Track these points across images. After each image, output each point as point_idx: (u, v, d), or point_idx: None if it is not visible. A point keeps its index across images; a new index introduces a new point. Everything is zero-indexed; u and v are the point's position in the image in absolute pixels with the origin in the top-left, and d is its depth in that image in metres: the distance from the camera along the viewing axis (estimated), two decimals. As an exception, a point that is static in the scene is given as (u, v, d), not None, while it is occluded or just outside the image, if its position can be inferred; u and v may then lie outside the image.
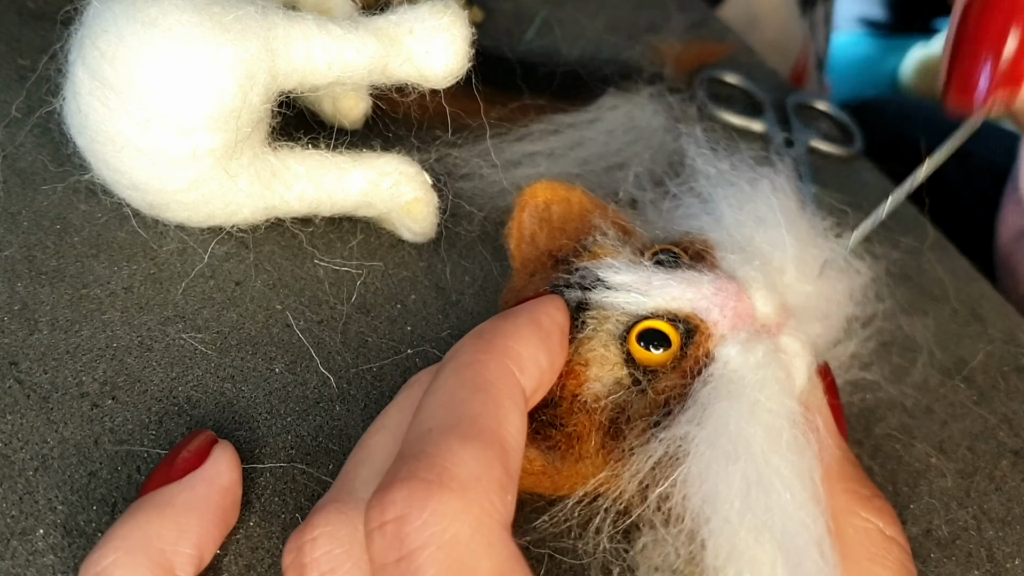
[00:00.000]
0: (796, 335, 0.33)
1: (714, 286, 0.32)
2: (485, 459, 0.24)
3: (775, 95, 0.59)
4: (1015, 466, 0.42)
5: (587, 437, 0.31)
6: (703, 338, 0.31)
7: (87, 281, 0.35)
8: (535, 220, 0.37)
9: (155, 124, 0.33)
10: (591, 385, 0.31)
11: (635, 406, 0.31)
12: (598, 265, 0.33)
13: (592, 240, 0.35)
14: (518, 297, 0.34)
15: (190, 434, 0.30)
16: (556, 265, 0.35)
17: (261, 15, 0.34)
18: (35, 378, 0.31)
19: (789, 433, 0.30)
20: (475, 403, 0.26)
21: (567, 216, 0.37)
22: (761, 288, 0.33)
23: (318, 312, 0.36)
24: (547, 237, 0.36)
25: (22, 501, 0.28)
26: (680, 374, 0.31)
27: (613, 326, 0.31)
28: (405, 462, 0.24)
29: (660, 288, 0.31)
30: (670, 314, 0.31)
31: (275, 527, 0.30)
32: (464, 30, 0.37)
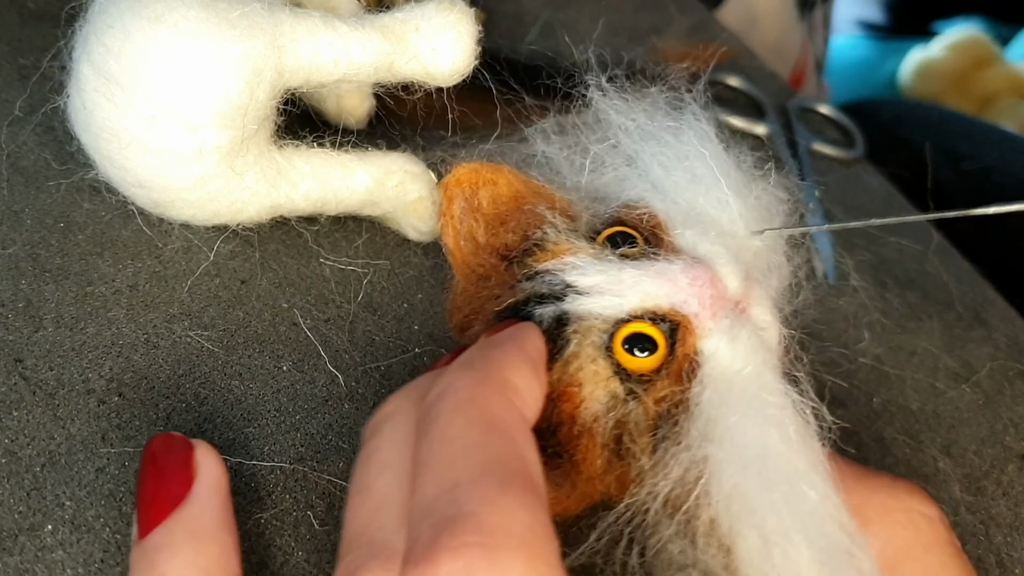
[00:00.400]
0: (763, 303, 0.33)
1: (687, 275, 0.31)
2: (529, 505, 0.22)
3: (777, 98, 0.59)
4: (1022, 470, 0.42)
5: (593, 459, 0.30)
6: (687, 334, 0.30)
7: (92, 279, 0.34)
8: (467, 211, 0.35)
9: (161, 120, 0.33)
10: (588, 405, 0.30)
11: (636, 418, 0.30)
12: (561, 267, 0.31)
13: (541, 234, 0.33)
14: (477, 306, 0.33)
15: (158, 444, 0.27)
16: (509, 266, 0.33)
17: (267, 11, 0.34)
18: (41, 375, 0.31)
19: (794, 422, 0.29)
20: (493, 445, 0.24)
21: (498, 201, 0.35)
22: (727, 263, 0.32)
23: (325, 311, 0.36)
24: (486, 231, 0.35)
25: (30, 497, 0.28)
26: (673, 379, 0.30)
27: (596, 337, 0.30)
28: (443, 527, 0.22)
29: (633, 285, 0.30)
30: (649, 313, 0.30)
31: (286, 524, 0.29)
32: (471, 28, 0.37)
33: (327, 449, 0.32)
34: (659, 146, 0.36)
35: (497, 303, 0.32)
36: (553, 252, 0.32)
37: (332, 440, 0.32)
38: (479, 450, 0.24)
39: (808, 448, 0.29)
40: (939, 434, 0.43)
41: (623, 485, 0.30)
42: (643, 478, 0.30)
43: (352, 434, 0.32)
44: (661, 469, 0.29)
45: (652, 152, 0.36)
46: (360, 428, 0.32)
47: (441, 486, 0.23)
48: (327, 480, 0.31)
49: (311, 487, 0.30)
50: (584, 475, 0.30)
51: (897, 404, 0.43)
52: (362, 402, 0.33)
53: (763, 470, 0.28)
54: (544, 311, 0.31)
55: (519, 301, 0.31)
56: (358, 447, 0.31)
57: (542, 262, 0.32)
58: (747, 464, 0.28)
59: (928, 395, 0.44)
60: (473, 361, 0.27)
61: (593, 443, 0.30)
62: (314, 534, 0.29)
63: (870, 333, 0.46)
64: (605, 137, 0.37)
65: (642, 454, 0.30)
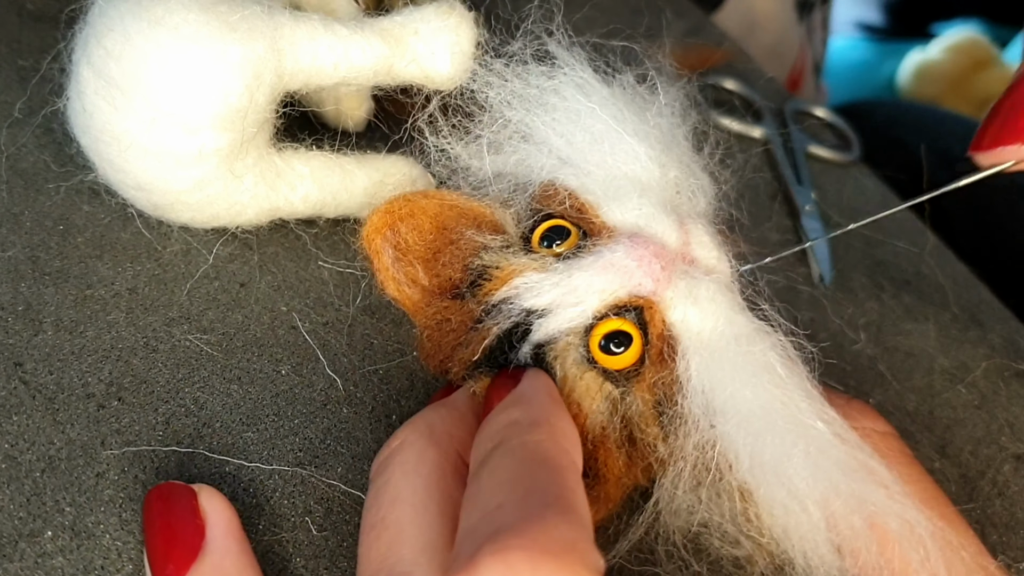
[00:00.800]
0: (703, 239, 0.33)
1: (632, 258, 0.31)
2: (573, 523, 0.23)
3: (773, 101, 0.59)
4: (1017, 471, 0.42)
5: (614, 464, 0.31)
6: (653, 313, 0.31)
7: (91, 282, 0.34)
8: (398, 258, 0.34)
9: (161, 123, 0.33)
10: (592, 419, 0.31)
11: (638, 411, 0.31)
12: (514, 292, 0.31)
13: (480, 262, 0.33)
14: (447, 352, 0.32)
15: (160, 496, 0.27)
16: (462, 302, 0.33)
17: (267, 15, 0.34)
18: (40, 379, 0.31)
19: (778, 358, 0.30)
20: (540, 476, 0.24)
21: (423, 232, 0.34)
22: (659, 221, 0.32)
23: (323, 314, 0.36)
24: (425, 272, 0.34)
25: (29, 503, 0.28)
26: (657, 362, 0.31)
27: (574, 352, 0.31)
28: (487, 538, 0.22)
29: (587, 288, 0.31)
30: (612, 308, 0.31)
31: (284, 530, 0.29)
32: (470, 32, 0.37)
33: (326, 454, 0.32)
34: (547, 112, 0.35)
35: (467, 349, 0.32)
36: (500, 279, 0.32)
37: (331, 445, 0.32)
38: (525, 480, 0.24)
39: (798, 378, 0.30)
40: (935, 434, 0.43)
41: (650, 473, 0.31)
42: (665, 463, 0.30)
43: (351, 439, 0.32)
44: (677, 453, 0.30)
45: (543, 121, 0.35)
46: (359, 432, 0.32)
47: (485, 510, 0.23)
48: (326, 485, 0.31)
49: (309, 492, 0.31)
50: (612, 481, 0.31)
51: (893, 404, 0.43)
52: (360, 406, 0.33)
53: (772, 428, 0.29)
54: (521, 353, 0.31)
55: (490, 345, 0.31)
56: (357, 453, 0.32)
57: (494, 292, 0.32)
58: (756, 429, 0.29)
59: (924, 396, 0.44)
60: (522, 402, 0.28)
61: (609, 451, 0.30)
62: (312, 539, 0.29)
63: (866, 334, 0.46)
64: (492, 118, 0.36)
65: (656, 440, 0.31)
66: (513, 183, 0.35)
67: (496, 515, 0.23)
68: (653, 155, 0.34)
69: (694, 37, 0.62)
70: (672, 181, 0.35)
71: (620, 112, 0.35)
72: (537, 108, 0.36)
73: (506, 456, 0.25)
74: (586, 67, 0.36)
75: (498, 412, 0.27)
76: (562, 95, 0.35)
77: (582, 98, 0.35)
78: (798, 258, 0.49)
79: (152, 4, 0.33)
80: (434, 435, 0.28)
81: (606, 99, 0.35)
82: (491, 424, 0.27)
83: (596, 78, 0.36)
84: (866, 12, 1.32)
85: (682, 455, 0.29)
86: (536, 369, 0.30)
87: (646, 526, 0.30)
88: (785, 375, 0.30)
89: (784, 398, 0.29)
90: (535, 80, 0.36)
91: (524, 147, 0.36)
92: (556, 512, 0.23)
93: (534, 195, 0.34)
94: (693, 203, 0.35)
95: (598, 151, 0.34)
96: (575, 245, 0.32)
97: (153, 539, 0.26)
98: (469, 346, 0.31)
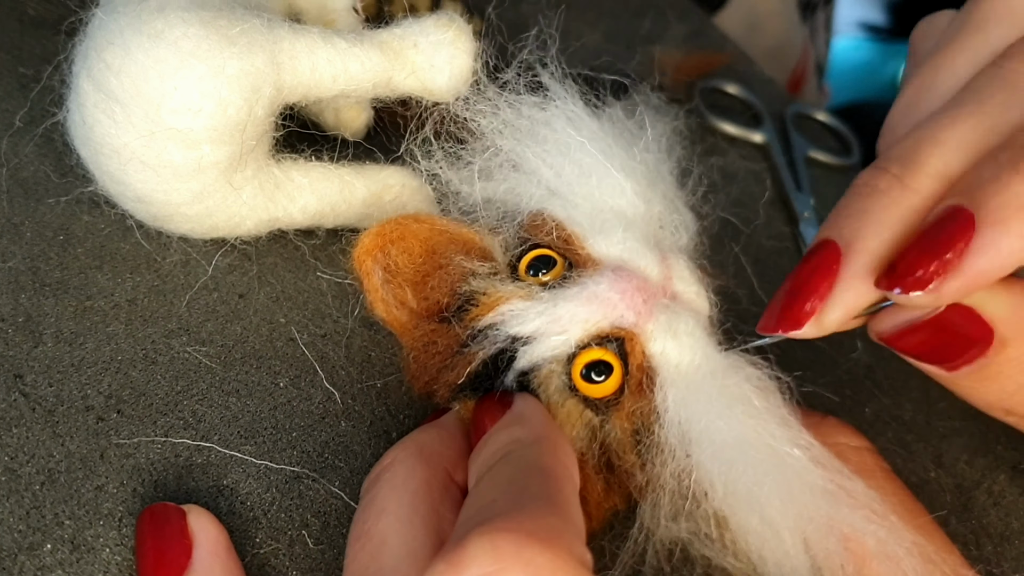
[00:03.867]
0: (683, 273, 0.34)
1: (615, 291, 0.32)
2: (563, 517, 0.23)
3: (774, 105, 0.59)
4: (1013, 480, 0.43)
5: (593, 488, 0.31)
6: (634, 344, 0.32)
7: (91, 293, 0.35)
8: (387, 279, 0.34)
9: (160, 136, 0.33)
10: (573, 445, 0.31)
11: (616, 439, 0.32)
12: (500, 319, 0.32)
13: (468, 288, 0.33)
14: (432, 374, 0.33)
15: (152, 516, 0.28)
16: (449, 326, 0.33)
17: (267, 28, 0.34)
18: (40, 391, 0.31)
19: (753, 389, 0.31)
20: (538, 480, 0.25)
21: (412, 255, 0.34)
22: (641, 256, 0.33)
23: (321, 326, 0.36)
24: (414, 295, 0.35)
25: (29, 516, 0.28)
26: (636, 392, 0.32)
27: (557, 380, 0.31)
28: (475, 525, 0.22)
29: (572, 318, 0.31)
30: (594, 338, 0.31)
31: (281, 543, 0.30)
32: (468, 44, 0.37)
33: (323, 466, 0.32)
34: (537, 144, 0.36)
35: (452, 372, 0.32)
36: (487, 305, 0.32)
37: (328, 458, 0.32)
38: (522, 483, 0.25)
39: (774, 407, 0.31)
40: (931, 444, 0.43)
41: (627, 498, 0.32)
42: (643, 490, 0.31)
43: (348, 452, 0.33)
44: (655, 481, 0.30)
45: (534, 152, 0.36)
46: (357, 446, 0.33)
47: (479, 506, 0.24)
48: (323, 498, 0.31)
49: (306, 506, 0.31)
50: (591, 503, 0.31)
51: (890, 414, 0.44)
52: (359, 420, 0.34)
53: (745, 457, 0.29)
54: (506, 379, 0.31)
55: (475, 369, 0.32)
56: (354, 466, 0.32)
57: (480, 318, 0.32)
58: (730, 458, 0.29)
59: (920, 405, 0.44)
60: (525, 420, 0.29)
61: (588, 476, 0.31)
62: (308, 553, 0.30)
63: (863, 342, 0.46)
64: (484, 146, 0.36)
65: (633, 468, 0.31)
66: (502, 210, 0.36)
67: (489, 508, 0.23)
68: (639, 190, 0.35)
69: (696, 40, 0.62)
70: (656, 216, 0.36)
71: (609, 147, 0.36)
72: (528, 139, 0.36)
73: (507, 465, 0.26)
74: (577, 100, 0.37)
75: (499, 430, 0.28)
76: (553, 127, 0.36)
77: (572, 131, 0.36)
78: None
79: (152, 18, 0.33)
80: (423, 454, 0.28)
81: (595, 133, 0.36)
82: (493, 440, 0.28)
83: (587, 111, 0.37)
84: (869, 12, 1.32)
85: (660, 483, 0.30)
86: (526, 393, 0.31)
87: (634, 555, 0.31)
88: (760, 406, 0.30)
89: (759, 428, 0.30)
90: (527, 111, 0.37)
91: (514, 176, 0.36)
92: (546, 505, 0.23)
93: (522, 224, 0.35)
94: (676, 238, 0.36)
95: (586, 184, 0.35)
96: (560, 275, 0.33)
97: (143, 559, 0.27)
98: (454, 369, 0.32)
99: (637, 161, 0.36)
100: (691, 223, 0.37)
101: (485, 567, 0.21)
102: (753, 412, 0.30)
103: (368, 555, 0.26)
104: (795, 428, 0.30)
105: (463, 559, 0.21)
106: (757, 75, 0.63)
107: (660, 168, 0.37)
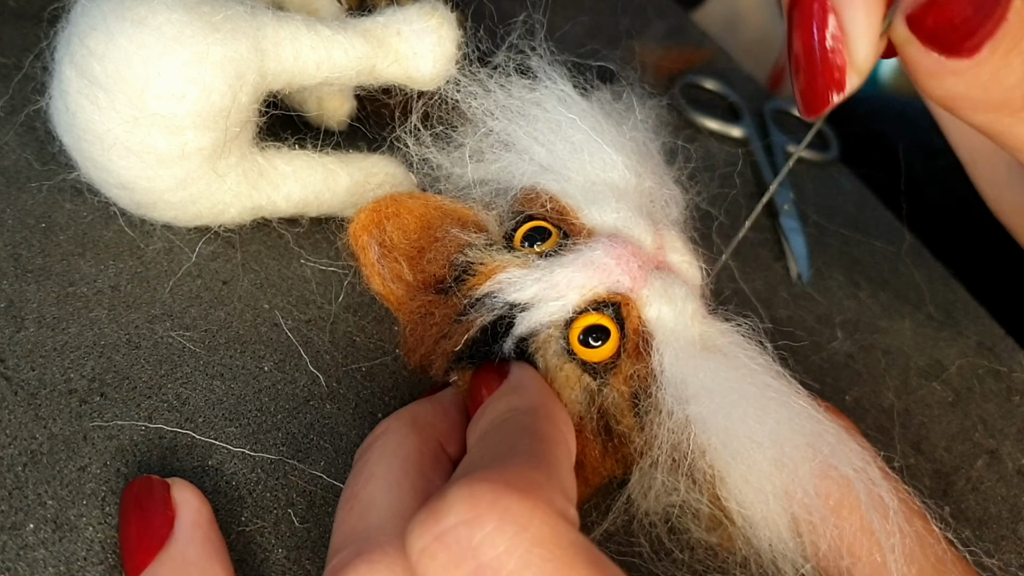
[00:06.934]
0: (676, 243, 0.35)
1: (611, 256, 0.32)
2: (548, 472, 0.23)
3: (752, 101, 0.60)
4: (990, 466, 0.43)
5: (591, 451, 0.32)
6: (630, 309, 0.32)
7: (73, 279, 0.35)
8: (384, 254, 0.35)
9: (144, 122, 0.33)
10: (571, 408, 0.32)
11: (614, 403, 0.32)
12: (497, 287, 0.32)
13: (464, 258, 0.34)
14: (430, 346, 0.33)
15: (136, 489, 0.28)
16: (446, 297, 0.34)
17: (250, 15, 0.34)
18: (22, 375, 0.31)
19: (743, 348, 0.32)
20: (528, 442, 0.25)
21: (407, 231, 0.35)
22: (635, 225, 0.34)
23: (306, 312, 0.36)
24: (411, 268, 0.35)
25: (11, 496, 0.28)
26: (633, 356, 0.32)
27: (554, 344, 0.32)
28: (455, 481, 0.22)
29: (568, 284, 0.32)
30: (591, 303, 0.32)
31: (267, 522, 0.30)
32: (452, 32, 0.37)
33: (309, 448, 0.32)
34: (529, 123, 0.36)
35: (450, 341, 0.32)
36: (484, 274, 0.33)
37: (314, 439, 0.32)
38: (512, 444, 0.25)
39: (765, 362, 0.32)
40: (910, 430, 0.43)
41: (626, 464, 0.32)
42: (641, 452, 0.31)
43: (334, 434, 0.33)
44: (653, 440, 0.31)
45: (525, 131, 0.36)
46: (342, 428, 0.33)
47: (467, 466, 0.24)
48: (309, 478, 0.31)
49: (292, 485, 0.31)
50: (588, 468, 0.32)
51: (869, 401, 0.44)
52: (344, 402, 0.34)
53: (743, 407, 0.30)
54: (504, 345, 0.32)
55: (473, 337, 0.32)
56: (340, 447, 0.32)
57: (478, 287, 0.33)
58: (727, 409, 0.30)
59: (900, 393, 0.45)
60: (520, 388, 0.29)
61: (586, 439, 0.31)
62: (294, 531, 0.30)
63: (843, 332, 0.47)
64: (474, 127, 0.37)
65: (631, 432, 0.32)
66: (495, 189, 0.37)
67: (476, 465, 0.23)
68: (630, 164, 0.36)
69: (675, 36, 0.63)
70: (647, 190, 0.36)
71: (599, 123, 0.36)
72: (519, 118, 0.37)
73: (500, 430, 0.26)
74: (567, 82, 0.37)
75: (496, 399, 0.28)
76: (543, 107, 0.37)
77: (563, 109, 0.36)
78: (776, 257, 0.50)
79: (135, 4, 0.33)
80: (417, 424, 0.29)
81: (585, 111, 0.37)
82: (490, 410, 0.28)
83: (576, 92, 0.37)
84: None
85: (657, 443, 0.30)
86: (523, 362, 0.31)
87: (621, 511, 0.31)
88: (754, 363, 0.31)
89: (755, 380, 0.30)
90: (517, 92, 0.37)
91: (506, 155, 0.37)
92: (530, 460, 0.23)
93: (516, 199, 0.35)
94: (666, 212, 0.36)
95: (577, 159, 0.36)
96: (556, 245, 0.33)
97: (126, 529, 0.27)
98: (452, 338, 0.32)
99: (627, 138, 0.36)
100: (680, 199, 0.37)
101: (462, 514, 0.21)
102: (748, 369, 0.31)
103: (356, 516, 0.26)
104: (788, 381, 0.31)
105: (441, 508, 0.21)
106: (736, 72, 0.63)
107: (649, 146, 0.37)
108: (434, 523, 0.21)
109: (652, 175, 0.36)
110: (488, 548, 0.21)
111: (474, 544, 0.21)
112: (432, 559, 0.21)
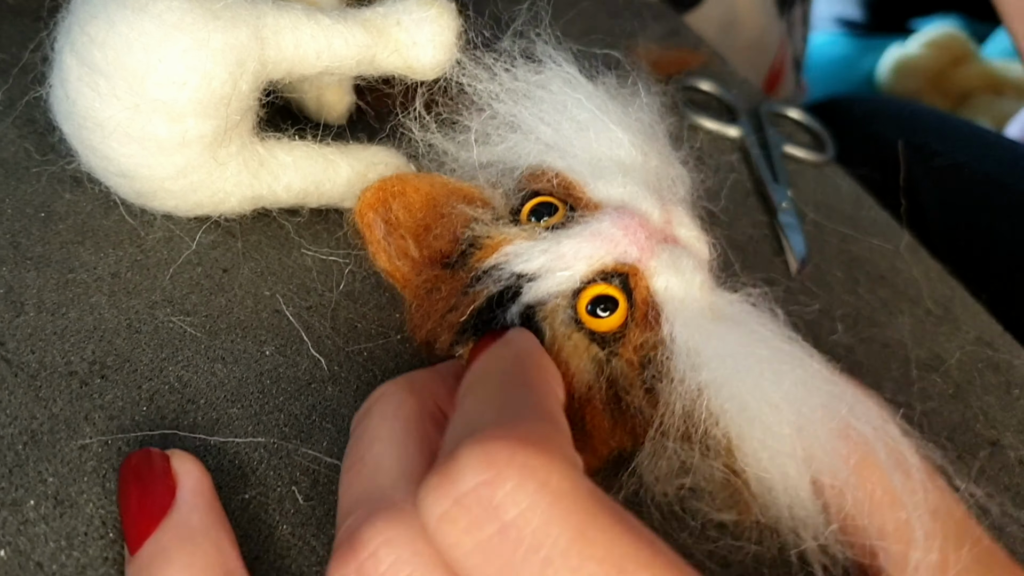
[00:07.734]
0: (683, 219, 0.35)
1: (618, 227, 0.32)
2: (551, 423, 0.23)
3: (749, 103, 0.60)
4: (992, 456, 0.43)
5: (600, 422, 0.31)
6: (638, 280, 0.32)
7: (73, 266, 0.34)
8: (389, 232, 0.35)
9: (144, 109, 0.33)
10: (579, 377, 0.31)
11: (623, 373, 0.32)
12: (504, 259, 0.32)
13: (470, 232, 0.34)
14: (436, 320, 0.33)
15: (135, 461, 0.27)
16: (453, 271, 0.34)
17: (251, 3, 0.34)
18: (23, 358, 0.31)
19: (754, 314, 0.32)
20: (521, 392, 0.25)
21: (413, 209, 0.35)
22: (643, 199, 0.34)
23: (307, 299, 0.36)
24: (416, 245, 0.35)
25: (12, 473, 0.28)
26: (642, 326, 0.32)
27: (562, 314, 0.32)
28: (462, 440, 0.21)
29: (576, 254, 0.32)
30: (599, 274, 0.32)
31: (271, 499, 0.29)
32: (452, 22, 0.37)
33: (311, 428, 0.32)
34: (534, 104, 0.37)
35: (456, 313, 0.32)
36: (490, 247, 0.33)
37: (316, 420, 0.32)
38: (506, 396, 0.24)
39: (777, 328, 0.32)
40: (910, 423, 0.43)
41: (636, 436, 0.32)
42: (652, 422, 0.31)
43: (336, 415, 0.32)
44: (664, 409, 0.30)
45: (531, 112, 0.36)
46: (344, 409, 0.33)
47: (466, 421, 0.23)
48: (312, 457, 0.31)
49: (295, 464, 0.31)
50: (597, 439, 0.31)
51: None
52: (345, 385, 0.34)
53: (758, 371, 0.29)
54: (510, 312, 0.32)
55: (479, 306, 0.32)
56: (342, 428, 0.32)
57: (484, 260, 0.33)
58: (742, 374, 0.29)
59: (900, 385, 0.45)
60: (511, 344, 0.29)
61: (595, 409, 0.31)
62: (299, 508, 0.29)
63: (843, 325, 0.47)
64: (479, 109, 0.37)
65: (641, 402, 0.32)
66: (501, 169, 0.37)
67: (476, 420, 0.23)
68: (636, 143, 0.36)
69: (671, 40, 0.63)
70: (653, 169, 0.36)
71: (604, 103, 0.36)
72: (525, 100, 0.37)
73: (489, 382, 0.26)
74: (572, 64, 0.37)
75: (485, 355, 0.28)
76: (549, 88, 0.37)
77: (568, 90, 0.36)
78: (775, 252, 0.50)
79: (135, -9, 0.33)
80: (414, 387, 0.28)
81: (591, 92, 0.37)
82: (478, 363, 0.28)
83: (581, 75, 0.37)
84: (846, 8, 1.34)
85: (669, 411, 0.30)
86: (517, 329, 0.31)
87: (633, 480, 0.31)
88: (766, 329, 0.31)
89: (766, 343, 0.30)
90: (523, 75, 0.37)
91: (512, 136, 0.37)
92: (533, 412, 0.23)
93: (522, 176, 0.35)
94: (673, 191, 0.36)
95: (584, 138, 0.36)
96: (563, 218, 0.33)
97: (125, 500, 0.26)
98: (458, 309, 0.32)
99: (633, 119, 0.36)
100: (686, 178, 0.37)
101: (480, 475, 0.20)
102: (760, 334, 0.31)
103: (365, 479, 0.25)
104: (801, 344, 0.31)
105: (456, 470, 0.21)
106: (732, 74, 0.64)
107: (655, 127, 0.37)
108: (450, 486, 0.21)
109: (658, 155, 0.36)
110: (511, 506, 0.20)
111: (496, 504, 0.20)
112: (453, 523, 0.21)
